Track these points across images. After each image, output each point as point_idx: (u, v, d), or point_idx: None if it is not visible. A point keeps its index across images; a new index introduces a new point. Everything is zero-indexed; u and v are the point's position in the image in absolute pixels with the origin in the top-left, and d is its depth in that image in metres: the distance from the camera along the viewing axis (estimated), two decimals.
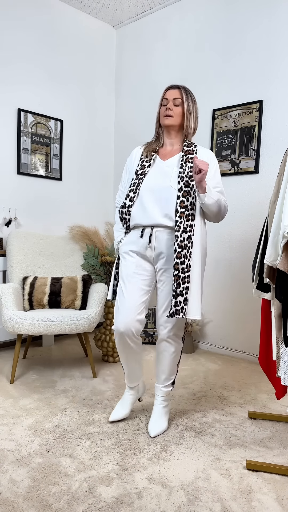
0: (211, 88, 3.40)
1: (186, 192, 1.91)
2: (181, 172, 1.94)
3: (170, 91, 1.98)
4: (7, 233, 3.41)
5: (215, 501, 1.56)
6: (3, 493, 1.58)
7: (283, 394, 2.05)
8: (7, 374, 2.82)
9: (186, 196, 1.91)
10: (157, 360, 2.11)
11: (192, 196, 1.92)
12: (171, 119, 1.98)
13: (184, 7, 3.55)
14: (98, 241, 3.30)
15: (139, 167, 2.04)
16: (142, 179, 1.99)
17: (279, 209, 1.63)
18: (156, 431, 2.03)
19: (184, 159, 1.97)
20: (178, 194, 1.91)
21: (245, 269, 3.26)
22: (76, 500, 1.55)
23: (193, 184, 1.92)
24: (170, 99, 1.98)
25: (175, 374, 2.12)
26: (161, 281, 2.01)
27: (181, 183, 1.91)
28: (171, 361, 2.07)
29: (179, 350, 2.08)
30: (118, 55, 4.13)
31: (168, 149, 2.06)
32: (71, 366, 3.02)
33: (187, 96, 1.98)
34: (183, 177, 1.92)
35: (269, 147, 3.08)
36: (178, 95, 1.97)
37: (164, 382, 2.10)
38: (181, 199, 1.90)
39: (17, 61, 3.39)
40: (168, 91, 1.99)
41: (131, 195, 2.00)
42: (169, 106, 1.97)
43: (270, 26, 3.03)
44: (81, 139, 3.93)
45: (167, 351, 2.05)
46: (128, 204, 2.01)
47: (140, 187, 1.99)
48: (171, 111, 1.97)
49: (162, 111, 2.00)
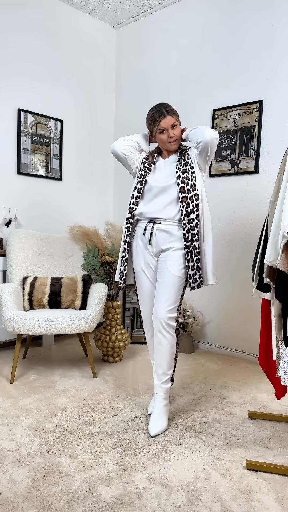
0: (211, 88, 3.40)
1: (185, 177, 2.08)
2: (178, 165, 2.12)
3: (164, 121, 2.07)
4: (7, 233, 3.41)
5: (215, 501, 1.56)
6: (3, 493, 1.58)
7: (283, 394, 2.05)
8: (7, 374, 2.82)
9: (185, 181, 2.07)
10: (154, 355, 2.18)
11: (191, 179, 2.08)
12: (177, 141, 2.14)
13: (184, 7, 3.55)
14: (98, 241, 3.30)
15: (146, 164, 2.21)
16: (148, 172, 2.17)
17: (279, 209, 1.63)
18: (156, 430, 2.04)
19: (181, 156, 2.15)
20: (177, 181, 2.08)
21: (245, 269, 3.26)
22: (76, 500, 1.55)
23: (191, 171, 2.10)
24: (168, 127, 2.09)
25: (172, 369, 2.16)
26: (160, 273, 2.13)
27: (179, 172, 2.09)
28: (166, 354, 2.11)
29: (174, 343, 2.13)
30: (118, 55, 4.13)
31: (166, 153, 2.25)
32: (71, 366, 3.02)
33: (176, 115, 2.12)
34: (180, 168, 2.11)
35: (269, 147, 3.08)
36: (172, 120, 2.08)
37: (162, 377, 2.13)
38: (180, 185, 2.07)
39: (17, 61, 3.39)
40: (162, 122, 2.07)
41: (139, 187, 2.17)
42: (171, 134, 2.10)
43: (270, 26, 3.03)
44: (81, 139, 3.93)
45: (161, 344, 2.10)
46: (136, 195, 2.17)
47: (146, 179, 2.16)
48: (174, 135, 2.11)
49: (164, 139, 2.12)
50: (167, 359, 2.12)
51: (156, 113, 2.08)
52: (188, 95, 3.55)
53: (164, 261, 2.11)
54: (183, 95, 3.58)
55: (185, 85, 3.57)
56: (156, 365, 2.15)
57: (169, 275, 2.08)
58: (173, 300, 2.08)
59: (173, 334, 2.12)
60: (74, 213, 3.91)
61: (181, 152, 2.17)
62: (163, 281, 2.10)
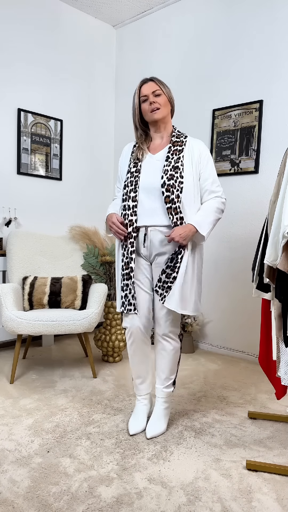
0: (211, 88, 3.40)
1: (170, 185, 1.87)
2: (165, 165, 1.91)
3: (145, 86, 1.92)
4: (7, 233, 3.41)
5: (215, 501, 1.56)
6: (3, 493, 1.58)
7: (283, 394, 2.05)
8: (7, 374, 2.82)
9: (170, 189, 1.87)
10: (156, 359, 2.11)
11: (177, 189, 1.87)
12: (159, 111, 1.93)
13: (184, 7, 3.55)
14: (98, 241, 3.30)
15: (132, 165, 1.99)
16: (138, 176, 1.95)
17: (279, 209, 1.63)
18: (152, 432, 2.02)
19: (172, 151, 1.94)
20: (162, 190, 1.88)
21: (245, 269, 3.26)
22: (76, 500, 1.55)
23: (177, 175, 1.88)
24: (149, 94, 1.91)
25: (175, 373, 2.11)
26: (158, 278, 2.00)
27: (164, 178, 1.88)
28: (170, 360, 2.06)
29: (178, 348, 2.07)
30: (118, 55, 4.13)
31: (157, 142, 2.03)
32: (71, 366, 3.02)
33: (162, 84, 1.94)
34: (166, 170, 1.89)
35: (269, 147, 3.08)
36: (155, 86, 1.91)
37: (165, 382, 2.09)
38: (165, 194, 1.87)
39: (17, 61, 3.39)
40: (143, 87, 1.92)
41: (132, 195, 1.94)
42: (152, 100, 1.91)
43: (270, 26, 3.03)
44: (81, 139, 3.93)
45: (165, 350, 2.05)
46: (132, 205, 1.94)
47: (138, 185, 1.94)
48: (156, 103, 1.91)
49: (146, 108, 1.93)
50: (171, 364, 2.06)
51: (140, 82, 1.95)
52: (188, 95, 3.55)
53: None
54: (183, 95, 3.58)
55: (185, 85, 3.57)
56: (158, 370, 2.09)
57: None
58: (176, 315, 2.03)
59: (177, 339, 2.07)
60: (74, 213, 3.91)
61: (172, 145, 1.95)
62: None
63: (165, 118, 1.98)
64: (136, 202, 1.94)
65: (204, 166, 1.97)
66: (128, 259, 1.95)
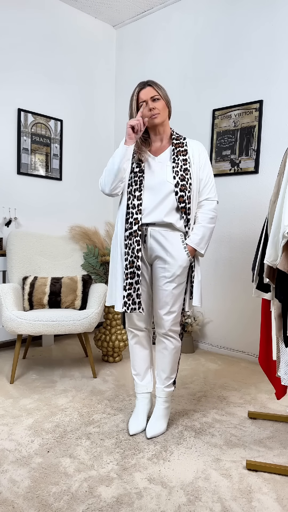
0: (211, 88, 3.40)
1: (183, 186, 1.93)
2: (174, 167, 1.95)
3: (143, 91, 1.92)
4: (7, 233, 3.41)
5: (215, 501, 1.56)
6: (3, 493, 1.58)
7: (283, 394, 2.05)
8: (7, 374, 2.82)
9: (183, 190, 1.93)
10: (156, 359, 2.12)
11: (188, 190, 1.95)
12: (159, 115, 1.94)
13: (184, 7, 3.55)
14: (98, 241, 3.30)
15: (135, 165, 1.99)
16: (143, 176, 1.96)
17: (279, 209, 1.63)
18: (152, 432, 2.02)
19: (175, 153, 1.97)
20: (175, 190, 1.93)
21: (245, 269, 3.26)
22: (76, 500, 1.55)
23: (187, 177, 1.95)
24: (147, 99, 1.91)
25: (175, 372, 2.12)
26: (160, 279, 1.99)
27: (177, 178, 1.93)
28: (171, 359, 2.06)
29: (178, 347, 2.08)
30: (118, 55, 4.13)
31: (157, 145, 2.04)
32: (71, 366, 3.02)
33: (159, 88, 1.93)
34: (177, 171, 1.94)
35: (269, 147, 3.08)
36: (153, 92, 1.91)
37: (165, 381, 2.09)
38: (179, 193, 1.93)
39: (17, 61, 3.39)
40: (141, 92, 1.92)
41: (137, 194, 1.95)
42: (152, 106, 1.91)
43: (270, 26, 3.03)
44: (81, 139, 3.93)
45: (167, 349, 2.05)
46: (137, 203, 1.94)
47: (143, 184, 1.96)
48: (156, 109, 1.92)
49: (146, 113, 1.93)
50: (171, 363, 2.07)
51: (137, 87, 1.94)
52: (188, 95, 3.55)
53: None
54: (183, 95, 3.58)
55: (185, 85, 3.57)
56: (158, 369, 2.10)
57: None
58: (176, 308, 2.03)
59: (178, 338, 2.08)
60: (74, 213, 3.91)
61: (174, 147, 1.98)
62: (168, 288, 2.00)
63: (163, 121, 2.00)
64: (141, 201, 1.95)
65: (202, 167, 2.01)
66: (133, 258, 1.93)
